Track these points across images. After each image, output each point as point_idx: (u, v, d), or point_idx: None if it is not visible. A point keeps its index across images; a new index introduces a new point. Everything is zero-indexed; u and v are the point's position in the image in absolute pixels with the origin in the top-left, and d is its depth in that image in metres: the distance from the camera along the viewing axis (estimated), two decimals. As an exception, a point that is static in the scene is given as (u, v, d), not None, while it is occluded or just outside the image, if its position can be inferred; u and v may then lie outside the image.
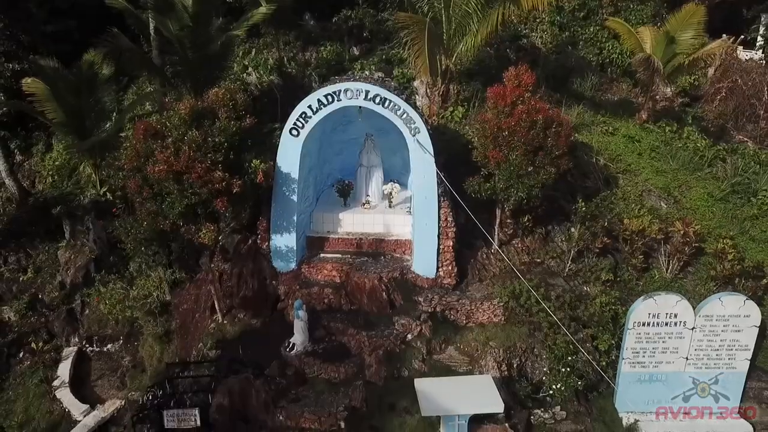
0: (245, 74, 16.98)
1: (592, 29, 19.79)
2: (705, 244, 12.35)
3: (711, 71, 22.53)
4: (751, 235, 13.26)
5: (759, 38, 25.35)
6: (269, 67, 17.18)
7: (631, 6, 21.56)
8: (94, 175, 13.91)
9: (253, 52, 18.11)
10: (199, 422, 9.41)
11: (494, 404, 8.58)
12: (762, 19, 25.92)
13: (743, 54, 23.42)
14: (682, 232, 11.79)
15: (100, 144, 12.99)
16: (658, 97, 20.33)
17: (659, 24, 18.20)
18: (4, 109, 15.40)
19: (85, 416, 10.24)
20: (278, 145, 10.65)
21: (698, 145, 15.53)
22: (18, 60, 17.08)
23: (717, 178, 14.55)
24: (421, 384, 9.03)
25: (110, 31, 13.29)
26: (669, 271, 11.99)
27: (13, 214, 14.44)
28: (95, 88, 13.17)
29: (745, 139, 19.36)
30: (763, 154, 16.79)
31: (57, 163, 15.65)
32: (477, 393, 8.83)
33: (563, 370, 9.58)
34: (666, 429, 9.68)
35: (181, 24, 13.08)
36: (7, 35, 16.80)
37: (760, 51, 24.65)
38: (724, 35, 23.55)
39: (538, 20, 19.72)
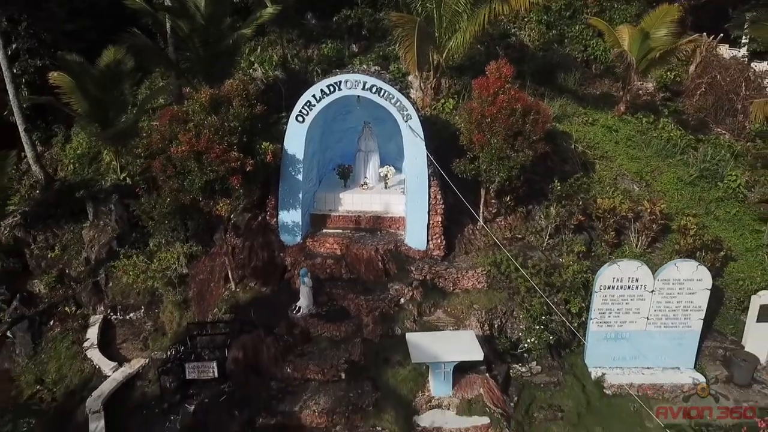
0: (252, 70, 18.22)
1: (577, 28, 21.03)
2: (672, 222, 13.62)
3: (692, 68, 23.80)
4: (716, 215, 14.53)
5: (744, 37, 26.44)
6: (274, 63, 18.43)
7: (615, 5, 22.82)
8: (114, 161, 15.17)
9: (258, 49, 19.36)
10: (216, 374, 10.69)
11: (475, 353, 9.83)
12: (747, 18, 27.12)
13: (728, 52, 24.61)
14: (649, 210, 13.06)
15: (121, 133, 14.21)
16: (641, 92, 21.65)
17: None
18: (28, 102, 16.56)
19: (114, 372, 11.48)
20: (285, 130, 11.92)
21: (672, 134, 16.76)
22: (39, 56, 18.36)
23: (687, 164, 15.80)
24: (412, 337, 10.30)
25: (130, 30, 14.55)
26: (638, 246, 13.24)
27: (39, 198, 15.63)
28: (118, 82, 14.40)
29: (723, 131, 20.57)
30: (738, 145, 18.06)
31: (78, 152, 16.86)
32: (460, 345, 10.09)
33: (537, 327, 10.83)
34: (629, 381, 10.92)
35: (195, 24, 14.35)
36: (30, 33, 18.02)
37: (744, 49, 25.86)
38: (704, 33, 24.87)
39: (526, 19, 20.97)
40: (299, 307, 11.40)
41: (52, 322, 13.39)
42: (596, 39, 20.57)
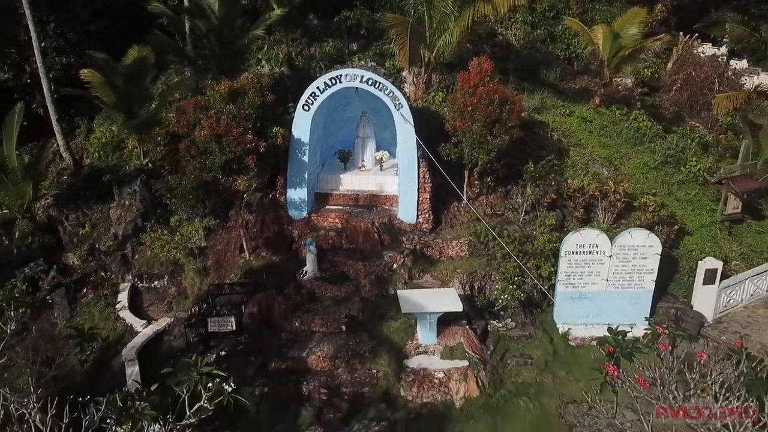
0: (259, 66, 19.90)
1: (560, 27, 22.70)
2: (635, 201, 15.33)
3: (669, 65, 25.52)
4: (677, 196, 16.27)
5: (725, 36, 27.89)
6: (280, 60, 20.10)
7: (597, 7, 24.53)
8: (138, 148, 16.84)
9: (265, 48, 21.01)
10: (234, 327, 12.38)
11: (456, 305, 11.53)
12: (728, 18, 28.73)
13: (711, 50, 26.15)
14: (614, 189, 14.76)
15: (145, 122, 15.89)
16: (620, 87, 23.33)
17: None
18: (64, 94, 18.18)
19: (144, 328, 13.18)
20: (293, 118, 13.61)
21: (641, 125, 18.45)
22: (65, 54, 20.07)
23: (654, 151, 17.52)
24: (403, 293, 12.01)
25: (152, 30, 16.23)
26: (605, 221, 14.94)
27: (69, 182, 17.34)
28: (142, 77, 16.06)
29: (697, 124, 22.25)
30: (710, 136, 19.73)
31: (102, 140, 18.54)
32: (443, 299, 11.79)
33: (511, 287, 12.53)
34: (591, 334, 12.61)
35: (211, 24, 16.04)
36: (57, 33, 19.71)
37: (724, 47, 27.49)
38: (680, 33, 26.56)
39: (512, 20, 22.64)
40: (306, 272, 13.09)
41: (85, 290, 15.09)
42: (577, 38, 22.19)
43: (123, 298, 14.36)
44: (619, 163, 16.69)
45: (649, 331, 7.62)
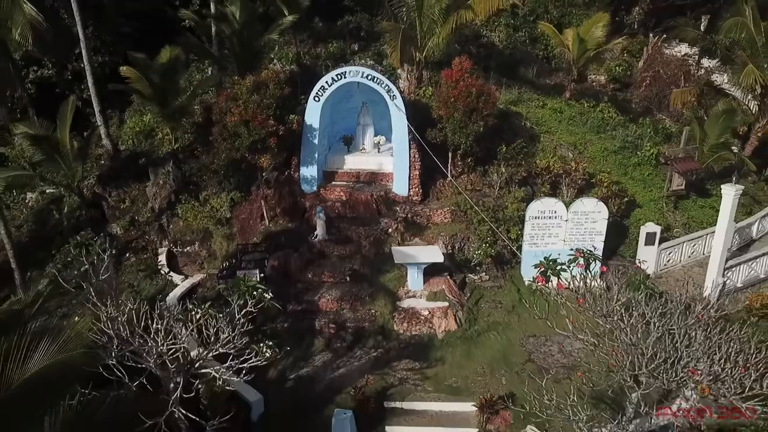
0: (272, 64, 22.59)
1: (539, 30, 25.38)
2: (593, 179, 18.05)
3: (640, 63, 28.26)
4: (632, 176, 19.01)
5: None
6: (290, 58, 22.80)
7: (573, 11, 27.24)
8: (169, 134, 19.53)
9: (276, 48, 23.71)
10: (258, 278, 15.09)
11: (437, 257, 14.32)
12: (702, 20, 31.30)
13: (685, 50, 28.48)
14: (575, 168, 17.49)
15: (177, 111, 18.56)
16: (594, 83, 26.06)
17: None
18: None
19: (182, 282, 15.91)
20: (305, 108, 16.33)
21: (606, 116, 21.20)
22: (101, 54, 22.80)
23: (614, 138, 20.25)
24: (396, 248, 14.79)
25: (182, 33, 18.91)
26: (567, 196, 17.64)
27: (110, 164, 20.05)
28: (174, 73, 18.73)
29: (664, 117, 24.97)
30: (674, 128, 22.41)
31: (136, 129, 21.24)
32: (428, 253, 14.56)
33: (484, 246, 15.26)
34: (551, 284, 15.32)
35: (233, 28, 18.74)
36: (95, 36, 22.42)
37: (695, 47, 29.99)
38: (651, 34, 29.25)
39: (496, 23, 25.35)
40: (316, 235, 15.83)
41: (128, 254, 17.83)
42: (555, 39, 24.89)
43: (162, 260, 17.08)
44: (583, 147, 19.42)
45: (571, 256, 10.31)
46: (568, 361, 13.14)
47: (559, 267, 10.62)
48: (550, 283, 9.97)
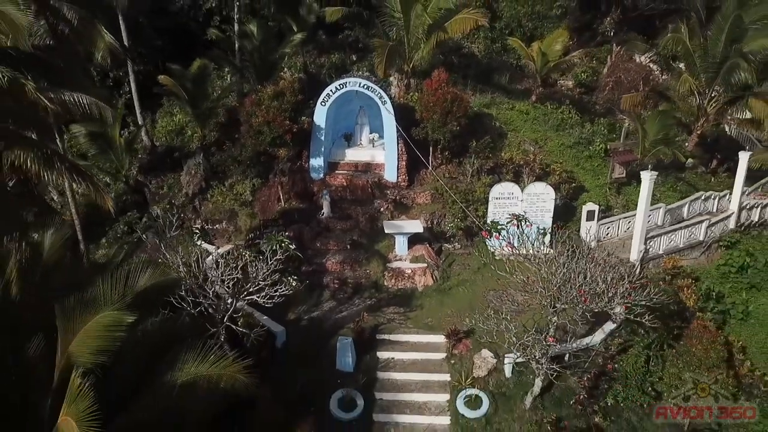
0: (282, 73, 26.49)
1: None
2: (549, 169, 21.96)
3: (605, 69, 32.23)
4: (583, 166, 22.94)
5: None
6: (298, 67, 26.71)
7: (545, 24, 31.15)
8: (198, 132, 23.42)
9: (286, 58, 27.61)
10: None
11: (419, 228, 18.33)
12: (669, 28, 34.94)
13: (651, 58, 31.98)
14: (533, 159, 21.41)
15: (206, 113, 22.44)
16: (563, 87, 29.99)
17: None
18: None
19: (215, 251, 19.80)
20: (313, 111, 20.23)
21: (565, 116, 25.13)
22: (136, 64, 26.62)
23: (571, 135, 24.18)
24: (386, 222, 18.75)
25: (209, 46, 22.81)
26: (528, 182, 21.52)
27: (148, 157, 23.94)
28: (203, 81, 22.61)
29: (624, 117, 28.83)
30: (632, 126, 26.22)
31: (168, 128, 25.11)
32: (412, 226, 18.56)
33: (456, 220, 19.19)
34: (508, 251, 19.23)
35: (253, 44, 22.64)
36: (133, 49, 26.23)
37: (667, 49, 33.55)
38: (614, 44, 33.09)
39: (476, 36, 29.27)
40: (323, 213, 19.75)
41: (167, 231, 21.72)
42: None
43: (197, 233, 20.98)
44: (543, 143, 23.35)
45: (509, 220, 14.25)
46: (518, 308, 17.04)
47: (499, 227, 14.59)
48: (502, 245, 13.89)
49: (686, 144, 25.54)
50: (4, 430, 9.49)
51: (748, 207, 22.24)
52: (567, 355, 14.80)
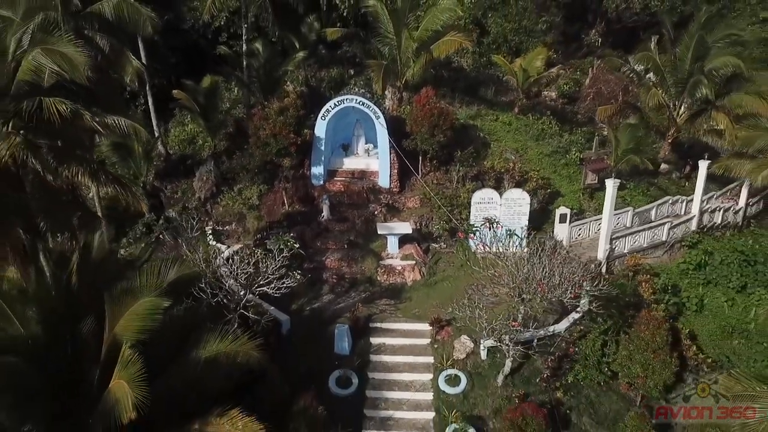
0: (285, 86, 28.76)
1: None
2: (527, 176, 24.20)
3: (586, 81, 34.52)
4: (560, 173, 25.19)
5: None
6: (300, 81, 28.98)
7: (530, 38, 33.39)
8: (209, 141, 25.68)
9: (288, 72, 29.90)
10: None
11: (408, 230, 20.58)
12: (652, 40, 37.07)
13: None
14: (513, 167, 23.67)
15: (216, 124, 24.70)
16: (547, 98, 32.24)
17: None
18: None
19: (226, 250, 22.07)
20: (314, 124, 22.50)
21: (545, 127, 27.38)
22: (153, 79, 28.89)
23: (550, 145, 26.43)
24: (380, 224, 21.00)
25: (220, 64, 25.09)
26: (508, 188, 23.76)
27: (164, 164, 26.20)
28: (213, 95, 24.88)
29: (603, 126, 31.04)
30: (611, 134, 28.45)
31: (180, 138, 27.36)
32: (402, 227, 20.81)
33: (442, 223, 21.44)
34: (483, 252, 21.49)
35: (259, 62, 24.92)
36: (150, 65, 28.47)
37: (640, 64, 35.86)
38: (594, 57, 35.29)
39: (465, 51, 31.52)
40: (323, 216, 22.02)
41: (182, 232, 23.98)
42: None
43: (209, 233, 23.24)
44: (524, 152, 25.61)
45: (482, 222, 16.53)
46: (493, 299, 19.32)
47: (473, 228, 16.93)
48: (480, 245, 16.14)
49: (659, 151, 27.80)
50: (63, 393, 11.74)
51: (710, 210, 24.49)
52: (535, 340, 17.05)
